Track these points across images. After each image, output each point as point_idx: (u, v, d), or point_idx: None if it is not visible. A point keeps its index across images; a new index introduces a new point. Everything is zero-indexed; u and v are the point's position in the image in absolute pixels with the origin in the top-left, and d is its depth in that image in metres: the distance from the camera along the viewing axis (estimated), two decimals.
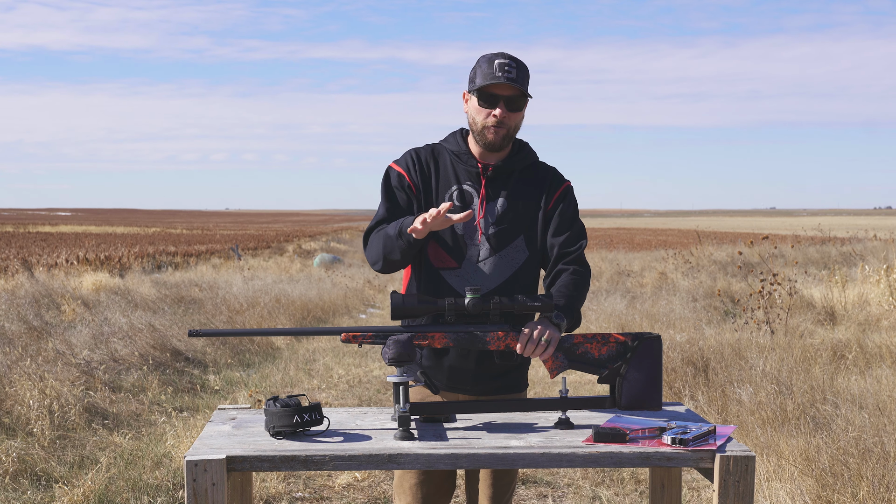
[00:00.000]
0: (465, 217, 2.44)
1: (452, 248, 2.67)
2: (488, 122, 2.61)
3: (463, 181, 2.70)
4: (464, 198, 2.69)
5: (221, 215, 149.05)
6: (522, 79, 2.60)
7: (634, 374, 2.48)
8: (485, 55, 2.63)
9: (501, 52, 2.62)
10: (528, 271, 2.70)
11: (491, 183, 2.69)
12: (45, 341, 7.80)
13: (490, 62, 2.59)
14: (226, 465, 2.16)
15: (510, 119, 2.62)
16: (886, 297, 9.68)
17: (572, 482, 4.83)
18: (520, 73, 2.59)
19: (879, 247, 18.04)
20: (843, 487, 3.91)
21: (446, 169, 2.72)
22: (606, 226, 71.39)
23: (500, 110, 2.59)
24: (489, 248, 2.66)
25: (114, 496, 4.35)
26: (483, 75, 2.59)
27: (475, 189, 2.69)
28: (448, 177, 2.71)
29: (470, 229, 2.67)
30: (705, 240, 24.88)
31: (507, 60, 2.58)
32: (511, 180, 2.70)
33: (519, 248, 2.68)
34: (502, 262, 2.67)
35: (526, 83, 2.62)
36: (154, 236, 39.85)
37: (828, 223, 48.19)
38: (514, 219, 2.68)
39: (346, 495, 4.66)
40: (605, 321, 9.69)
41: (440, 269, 2.67)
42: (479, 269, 2.66)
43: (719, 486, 2.20)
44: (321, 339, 9.72)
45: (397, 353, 2.36)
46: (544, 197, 2.71)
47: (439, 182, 2.71)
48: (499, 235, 2.67)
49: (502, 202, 2.68)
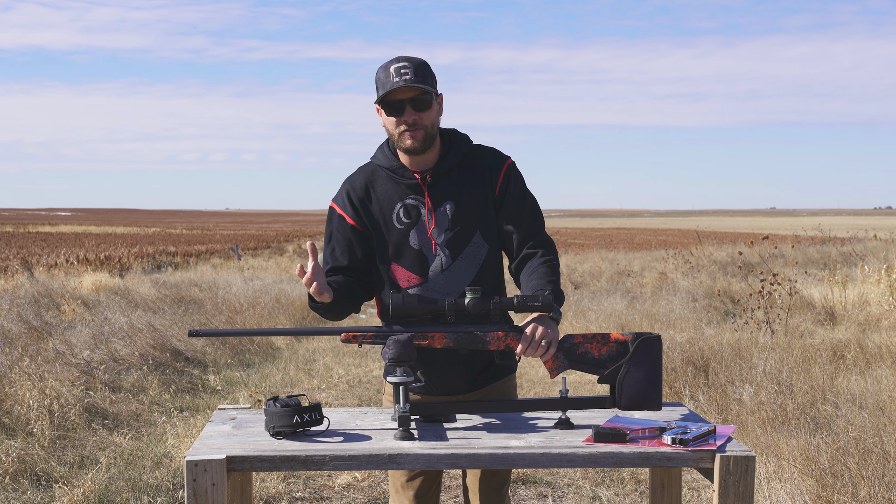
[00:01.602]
0: (314, 260, 2.47)
1: (414, 264, 2.65)
2: (402, 129, 2.58)
3: (405, 196, 2.66)
4: (409, 213, 2.65)
5: (221, 215, 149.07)
6: (422, 76, 2.55)
7: (634, 374, 2.48)
8: (381, 65, 2.60)
9: (396, 57, 2.58)
10: (492, 264, 2.69)
11: (433, 190, 2.65)
12: (45, 341, 7.80)
13: (386, 70, 2.56)
14: (226, 465, 2.16)
15: (422, 119, 2.57)
16: (886, 297, 9.68)
17: (572, 482, 4.83)
18: (417, 72, 2.55)
19: (879, 247, 18.04)
20: (843, 487, 3.91)
21: (385, 189, 2.68)
22: (606, 226, 71.39)
23: (408, 114, 2.56)
24: (449, 255, 2.65)
25: (114, 496, 4.35)
26: (382, 84, 2.56)
27: (419, 201, 2.65)
28: (389, 196, 2.67)
29: (426, 242, 2.65)
30: (705, 240, 24.88)
31: (401, 63, 2.55)
32: (452, 180, 2.66)
33: (478, 245, 2.67)
34: (465, 264, 2.66)
35: (427, 80, 2.57)
36: (154, 236, 39.84)
37: (828, 223, 48.19)
38: (465, 219, 2.65)
39: (346, 495, 4.66)
40: (605, 321, 9.69)
41: (408, 288, 2.65)
42: (444, 278, 2.64)
43: (719, 486, 2.20)
44: (321, 339, 9.72)
45: (397, 353, 2.36)
46: (489, 184, 2.67)
47: (382, 205, 2.67)
48: (455, 240, 2.65)
49: (450, 206, 2.65)
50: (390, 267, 2.67)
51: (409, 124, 2.56)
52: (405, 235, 2.65)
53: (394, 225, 2.66)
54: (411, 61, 2.56)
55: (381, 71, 2.58)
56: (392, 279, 2.68)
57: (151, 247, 27.17)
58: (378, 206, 2.67)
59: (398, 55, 2.60)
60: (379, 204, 2.67)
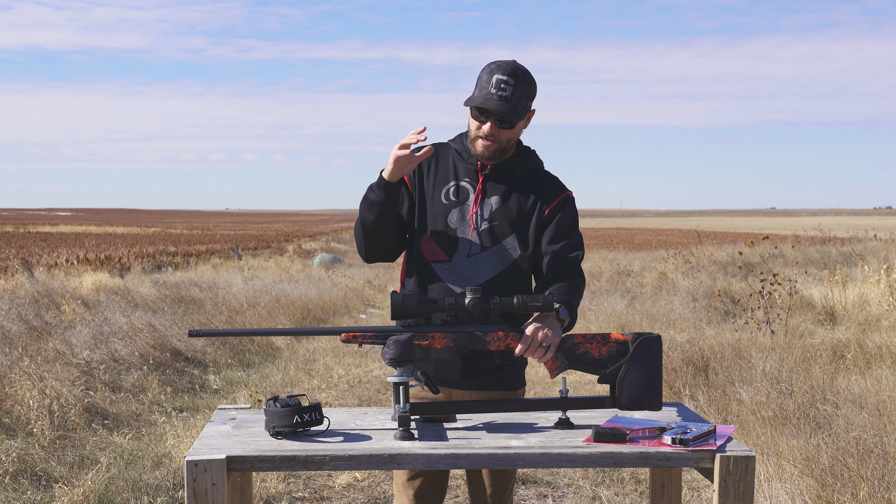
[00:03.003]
0: (426, 153, 2.54)
1: (445, 242, 2.68)
2: (479, 134, 2.61)
3: (461, 177, 2.71)
4: (459, 193, 2.70)
5: (221, 215, 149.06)
6: (520, 97, 2.55)
7: (634, 375, 2.48)
8: (490, 64, 2.59)
9: (505, 64, 2.57)
10: (518, 271, 2.69)
11: (488, 180, 2.70)
12: (45, 341, 7.80)
13: (490, 75, 2.56)
14: (226, 465, 2.16)
15: (501, 135, 2.60)
16: (886, 297, 9.68)
17: (572, 482, 4.83)
18: (516, 92, 2.54)
19: (879, 247, 18.04)
20: (843, 488, 3.91)
21: (447, 165, 2.73)
22: (606, 226, 71.38)
23: (489, 127, 2.58)
24: (480, 244, 2.67)
25: (114, 496, 4.35)
26: (479, 88, 2.57)
27: (472, 185, 2.70)
28: (447, 172, 2.72)
29: (463, 223, 2.68)
30: (705, 240, 24.87)
31: (505, 77, 2.54)
32: (509, 181, 2.70)
33: (510, 247, 2.68)
34: (492, 258, 2.67)
35: (521, 104, 2.57)
36: (154, 236, 39.85)
37: (828, 223, 48.19)
38: (507, 217, 2.68)
39: (346, 495, 4.66)
40: (605, 321, 9.69)
41: (431, 262, 2.69)
42: (469, 264, 2.66)
43: (719, 486, 2.20)
44: (321, 339, 9.72)
45: (397, 353, 2.36)
46: (541, 202, 2.70)
47: (437, 178, 2.72)
48: (491, 231, 2.67)
49: (497, 199, 2.68)
50: (423, 238, 2.70)
51: (486, 135, 2.59)
52: (447, 211, 2.69)
53: (440, 199, 2.70)
54: (517, 78, 2.55)
55: (485, 73, 2.58)
56: (420, 250, 2.70)
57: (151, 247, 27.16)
58: (433, 178, 2.72)
59: (512, 62, 2.58)
60: (435, 176, 2.72)
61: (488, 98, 2.54)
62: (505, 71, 2.55)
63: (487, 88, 2.55)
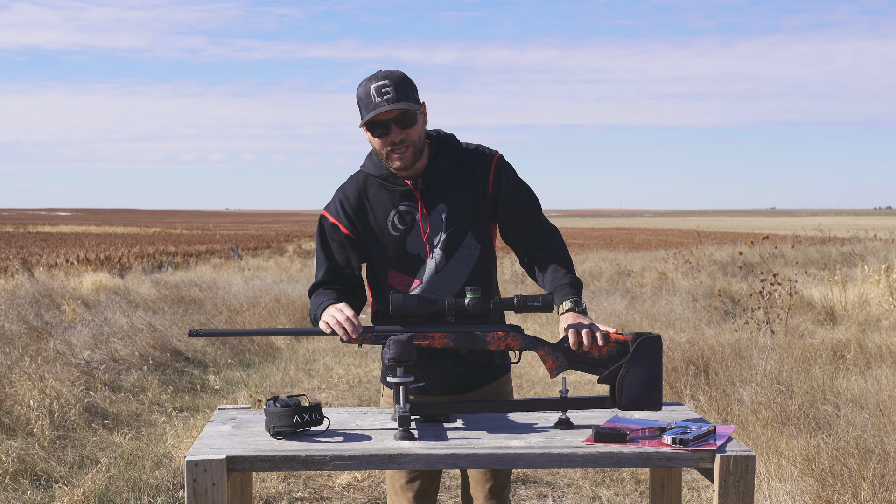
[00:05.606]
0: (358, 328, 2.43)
1: (411, 269, 2.67)
2: (388, 149, 2.56)
3: (398, 203, 2.66)
4: (404, 219, 2.66)
5: (221, 215, 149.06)
6: (403, 92, 2.52)
7: (634, 374, 2.48)
8: (361, 83, 2.55)
9: (375, 74, 2.54)
10: (484, 264, 2.70)
11: (425, 195, 2.65)
12: (45, 341, 7.80)
13: (366, 89, 2.52)
14: (226, 465, 2.16)
15: (409, 134, 2.55)
16: (886, 297, 9.68)
17: (572, 482, 4.83)
18: (399, 89, 2.51)
19: (879, 247, 18.05)
20: (843, 488, 3.91)
21: (378, 197, 2.67)
22: (606, 226, 71.39)
23: (394, 133, 2.54)
24: (443, 257, 2.66)
25: (114, 496, 4.35)
26: (364, 106, 2.53)
27: (413, 207, 2.65)
28: (383, 204, 2.67)
29: (421, 246, 2.66)
30: (705, 240, 24.88)
31: (381, 82, 2.51)
32: (443, 181, 2.66)
33: (470, 246, 2.68)
34: (458, 265, 2.67)
35: (409, 95, 2.54)
36: (154, 236, 39.85)
37: (828, 223, 48.19)
38: (458, 220, 2.66)
39: (346, 495, 4.66)
40: (604, 321, 9.69)
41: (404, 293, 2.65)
42: (440, 279, 2.66)
43: (719, 486, 2.19)
44: (321, 339, 9.72)
45: (397, 353, 2.36)
46: (481, 183, 2.68)
47: (376, 214, 2.67)
48: (448, 242, 2.65)
49: (442, 207, 2.66)
50: (388, 273, 2.69)
51: (395, 143, 2.54)
52: (402, 242, 2.66)
53: (389, 232, 2.66)
54: (390, 77, 2.53)
55: (361, 91, 2.54)
56: (389, 285, 2.69)
57: (151, 247, 27.17)
58: (372, 214, 2.67)
59: (377, 71, 2.56)
60: (373, 213, 2.67)
61: (378, 106, 2.49)
62: (377, 78, 2.53)
63: (371, 100, 2.51)
